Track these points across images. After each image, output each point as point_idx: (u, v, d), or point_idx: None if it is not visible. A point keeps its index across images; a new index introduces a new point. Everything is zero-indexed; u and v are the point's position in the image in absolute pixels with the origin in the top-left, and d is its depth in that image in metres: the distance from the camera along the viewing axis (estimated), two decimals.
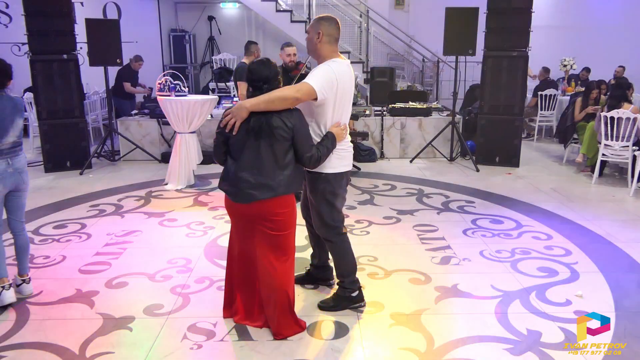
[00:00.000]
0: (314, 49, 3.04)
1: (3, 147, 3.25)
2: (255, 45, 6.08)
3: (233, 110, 2.79)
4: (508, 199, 5.69)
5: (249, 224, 2.93)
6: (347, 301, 3.27)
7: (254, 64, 2.91)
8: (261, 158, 2.80)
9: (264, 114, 2.78)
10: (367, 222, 4.90)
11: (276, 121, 2.78)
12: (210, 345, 2.93)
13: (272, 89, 2.83)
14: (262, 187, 2.80)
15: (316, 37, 3.00)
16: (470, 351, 2.86)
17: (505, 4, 6.85)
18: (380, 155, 7.71)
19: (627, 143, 6.03)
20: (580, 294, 3.47)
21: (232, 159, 2.88)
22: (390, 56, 11.22)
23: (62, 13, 6.70)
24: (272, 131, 2.78)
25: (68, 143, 6.90)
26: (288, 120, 2.80)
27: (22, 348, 2.91)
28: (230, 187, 2.87)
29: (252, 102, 2.78)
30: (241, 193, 2.82)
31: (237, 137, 2.82)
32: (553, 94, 9.02)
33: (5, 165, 3.27)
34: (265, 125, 2.78)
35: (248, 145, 2.81)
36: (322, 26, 3.00)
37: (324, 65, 2.98)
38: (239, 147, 2.84)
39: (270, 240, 2.91)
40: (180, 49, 11.18)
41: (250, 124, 2.79)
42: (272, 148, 2.80)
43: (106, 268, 3.92)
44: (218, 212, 5.22)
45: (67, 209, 5.33)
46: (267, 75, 2.86)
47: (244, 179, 2.81)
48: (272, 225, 2.88)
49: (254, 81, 2.87)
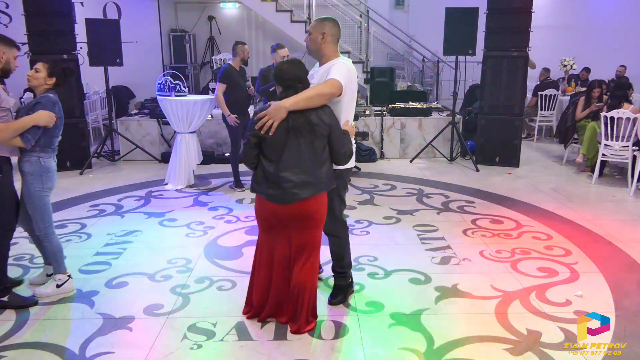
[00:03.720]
0: (317, 48, 3.09)
1: (55, 144, 3.38)
2: (242, 45, 5.82)
3: (270, 112, 2.77)
4: (508, 199, 5.69)
5: (284, 224, 2.93)
6: (349, 288, 3.43)
7: (284, 65, 2.91)
8: (303, 156, 2.82)
9: (301, 112, 2.80)
10: (367, 222, 4.90)
11: (315, 118, 2.82)
12: (210, 345, 2.93)
13: (305, 88, 2.87)
14: (305, 186, 2.83)
15: (320, 38, 3.05)
16: (470, 351, 2.86)
17: (505, 4, 6.86)
18: (380, 155, 7.71)
19: (627, 143, 6.03)
20: (580, 294, 3.47)
21: (268, 160, 2.85)
22: (390, 56, 11.22)
23: (62, 13, 6.71)
24: (313, 128, 2.81)
25: (68, 143, 6.81)
26: (325, 117, 2.85)
27: (22, 348, 2.91)
28: (272, 189, 2.85)
29: (291, 101, 2.78)
30: (285, 193, 2.83)
31: (274, 137, 2.79)
32: (553, 94, 9.02)
33: (54, 162, 3.40)
34: (305, 123, 2.80)
35: (289, 145, 2.81)
36: (326, 27, 3.06)
37: (339, 63, 3.03)
38: (277, 148, 2.82)
39: (306, 237, 2.96)
40: (180, 49, 11.16)
41: (290, 123, 2.79)
42: (313, 145, 2.84)
43: (106, 268, 3.92)
44: (218, 212, 5.22)
45: (67, 209, 5.33)
46: (301, 75, 2.89)
47: (286, 179, 2.81)
48: (309, 222, 2.93)
49: (287, 81, 2.87)
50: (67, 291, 3.49)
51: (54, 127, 3.30)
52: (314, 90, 2.85)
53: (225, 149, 7.52)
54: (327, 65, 3.06)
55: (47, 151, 3.33)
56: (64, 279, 3.50)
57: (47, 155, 3.33)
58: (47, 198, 3.38)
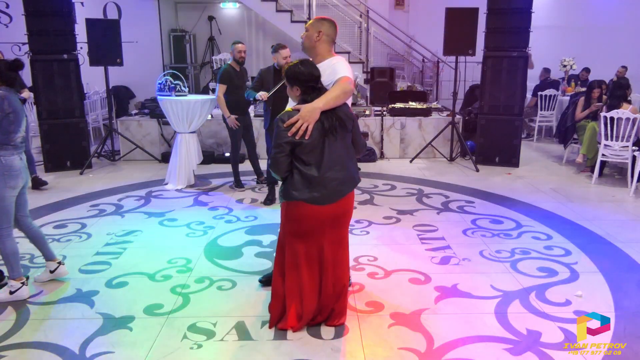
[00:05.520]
0: (312, 46, 3.11)
1: (16, 141, 3.30)
2: (234, 45, 5.76)
3: (303, 115, 2.73)
4: (508, 199, 5.69)
5: (326, 224, 2.92)
6: None
7: (302, 67, 2.85)
8: (340, 153, 2.87)
9: (331, 111, 2.83)
10: (367, 222, 4.90)
11: (342, 114, 2.86)
12: (210, 345, 2.93)
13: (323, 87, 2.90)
14: (347, 181, 2.92)
15: (316, 35, 3.08)
16: (470, 351, 2.86)
17: (505, 4, 6.86)
18: (380, 155, 7.71)
19: (627, 143, 6.03)
20: (580, 294, 3.47)
21: (306, 164, 2.81)
22: (390, 56, 11.21)
23: (62, 13, 6.71)
24: (344, 124, 2.86)
25: (68, 143, 6.90)
26: (347, 111, 2.91)
27: (22, 348, 2.91)
28: (317, 191, 2.82)
29: (323, 101, 2.79)
30: (332, 193, 2.85)
31: (309, 140, 2.77)
32: (553, 94, 9.02)
33: (19, 160, 3.34)
34: (336, 121, 2.83)
35: (327, 145, 2.82)
36: (324, 26, 3.10)
37: (341, 60, 3.09)
38: (315, 150, 2.80)
39: (341, 233, 3.03)
40: (180, 49, 11.16)
41: (325, 124, 2.80)
42: (344, 141, 2.90)
43: (106, 268, 3.93)
44: (218, 212, 5.23)
45: (67, 209, 5.33)
46: (319, 75, 2.89)
47: (331, 179, 2.83)
48: (346, 218, 3.04)
49: (309, 82, 2.85)
50: (21, 298, 3.41)
51: (8, 123, 3.22)
52: (339, 89, 2.86)
53: (225, 149, 7.52)
54: (326, 63, 3.06)
55: (7, 148, 3.25)
56: (17, 286, 3.41)
57: (7, 153, 3.25)
58: (9, 198, 3.30)
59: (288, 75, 2.88)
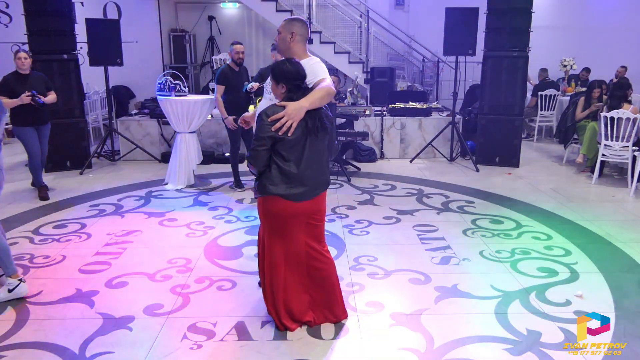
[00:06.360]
0: (286, 47, 3.10)
1: None
2: (232, 45, 5.77)
3: (289, 112, 2.74)
4: (508, 199, 5.69)
5: (301, 221, 2.95)
6: None
7: (288, 66, 2.85)
8: (319, 153, 2.91)
9: (315, 111, 2.85)
10: (367, 222, 4.89)
11: (324, 116, 2.90)
12: (210, 345, 2.93)
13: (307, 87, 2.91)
14: (323, 182, 2.98)
15: (289, 37, 3.06)
16: (470, 351, 2.86)
17: (505, 4, 6.86)
18: (380, 155, 7.71)
19: (627, 143, 6.02)
20: (580, 294, 3.47)
21: (286, 160, 2.82)
22: (390, 56, 11.20)
23: (62, 13, 6.71)
24: (325, 126, 2.89)
25: (68, 143, 6.89)
26: (328, 115, 2.94)
27: (22, 348, 2.91)
28: (295, 188, 2.84)
29: (309, 100, 2.80)
30: (308, 190, 2.88)
31: (293, 137, 2.79)
32: (553, 94, 9.02)
33: None
34: (319, 122, 2.85)
35: (308, 143, 2.84)
36: (295, 26, 3.08)
37: (318, 62, 3.08)
38: (295, 147, 2.82)
39: (317, 230, 3.05)
40: (180, 49, 11.16)
41: (309, 123, 2.82)
42: (323, 143, 2.93)
43: (106, 268, 3.92)
44: (218, 212, 5.23)
45: (67, 209, 5.33)
46: (304, 74, 2.89)
47: (309, 177, 2.87)
48: (320, 216, 3.04)
49: (296, 80, 2.84)
50: (20, 295, 3.40)
51: None
52: (323, 90, 2.87)
53: (225, 149, 7.52)
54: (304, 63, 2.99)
55: None
56: (15, 283, 3.41)
57: None
58: None
59: (275, 73, 2.88)
